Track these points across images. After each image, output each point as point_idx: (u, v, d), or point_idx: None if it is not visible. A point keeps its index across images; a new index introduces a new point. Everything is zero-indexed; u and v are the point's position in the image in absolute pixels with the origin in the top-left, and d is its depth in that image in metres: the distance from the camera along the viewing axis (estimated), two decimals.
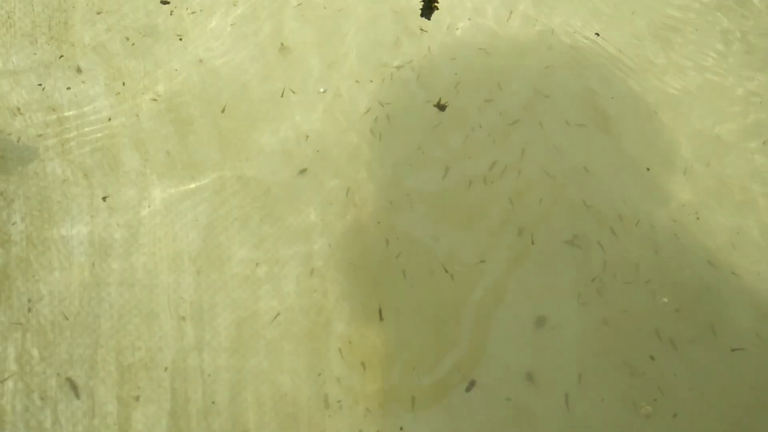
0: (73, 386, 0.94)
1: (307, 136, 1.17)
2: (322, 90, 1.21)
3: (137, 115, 1.16)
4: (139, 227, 1.09)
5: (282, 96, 1.20)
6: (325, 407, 1.02)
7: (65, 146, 1.12)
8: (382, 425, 0.98)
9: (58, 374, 0.94)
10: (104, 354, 0.97)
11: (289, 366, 1.04)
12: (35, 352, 0.95)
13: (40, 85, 1.16)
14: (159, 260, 1.07)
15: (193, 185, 1.12)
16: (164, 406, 0.96)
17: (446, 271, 1.06)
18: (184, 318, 1.04)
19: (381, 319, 1.04)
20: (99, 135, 1.14)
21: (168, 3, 1.24)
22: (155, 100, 1.17)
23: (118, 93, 1.17)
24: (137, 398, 0.96)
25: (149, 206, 1.10)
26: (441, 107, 1.13)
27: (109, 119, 1.15)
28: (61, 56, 1.19)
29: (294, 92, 1.20)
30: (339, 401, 1.01)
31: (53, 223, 1.05)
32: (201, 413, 0.98)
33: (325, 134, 1.17)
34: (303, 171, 1.14)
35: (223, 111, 1.17)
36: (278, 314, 1.06)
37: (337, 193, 1.13)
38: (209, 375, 1.01)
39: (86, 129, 1.14)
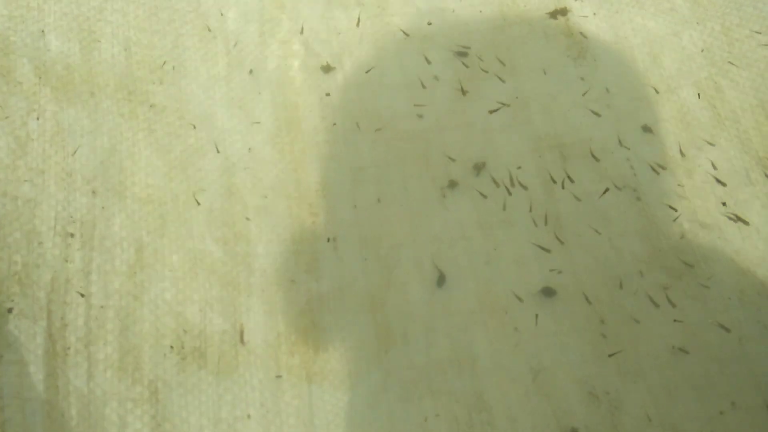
0: None
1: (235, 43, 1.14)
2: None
3: (42, 31, 1.10)
4: (27, 141, 1.00)
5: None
6: (240, 343, 0.93)
7: None
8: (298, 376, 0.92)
9: None
10: None
11: (201, 296, 0.95)
12: None
13: None
14: (48, 177, 0.98)
15: (92, 102, 1.06)
16: (40, 323, 0.85)
17: None
18: (72, 235, 0.94)
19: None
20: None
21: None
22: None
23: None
24: (10, 310, 0.84)
25: (38, 119, 1.02)
26: None
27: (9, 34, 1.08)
28: None
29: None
30: (257, 339, 0.93)
31: None
32: (82, 341, 0.87)
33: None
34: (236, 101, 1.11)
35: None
36: (191, 244, 0.98)
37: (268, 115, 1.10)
38: (96, 300, 0.90)
39: None
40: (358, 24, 1.17)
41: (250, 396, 0.90)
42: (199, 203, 1.02)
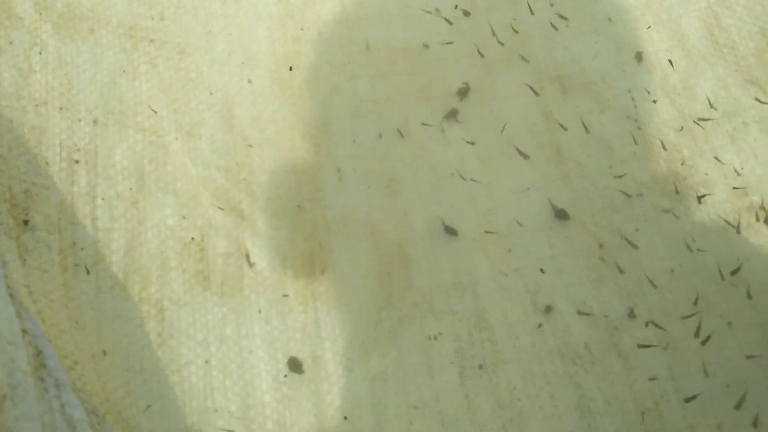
0: None
1: None
2: None
3: None
4: (30, 72, 1.02)
5: None
6: (248, 265, 0.96)
7: None
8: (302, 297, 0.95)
9: None
10: None
11: (204, 221, 0.98)
12: None
13: None
14: (51, 107, 1.00)
15: (93, 39, 1.07)
16: (53, 237, 0.88)
17: None
18: (77, 162, 0.96)
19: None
20: None
21: None
22: None
23: None
24: (26, 222, 0.87)
25: (41, 53, 1.04)
26: None
27: None
28: None
29: None
30: (263, 262, 0.96)
31: None
32: (91, 258, 0.90)
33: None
34: (212, 31, 1.12)
35: None
36: (193, 172, 1.00)
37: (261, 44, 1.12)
38: (102, 223, 0.93)
39: None
40: None
41: (255, 316, 0.93)
42: (201, 134, 1.04)
